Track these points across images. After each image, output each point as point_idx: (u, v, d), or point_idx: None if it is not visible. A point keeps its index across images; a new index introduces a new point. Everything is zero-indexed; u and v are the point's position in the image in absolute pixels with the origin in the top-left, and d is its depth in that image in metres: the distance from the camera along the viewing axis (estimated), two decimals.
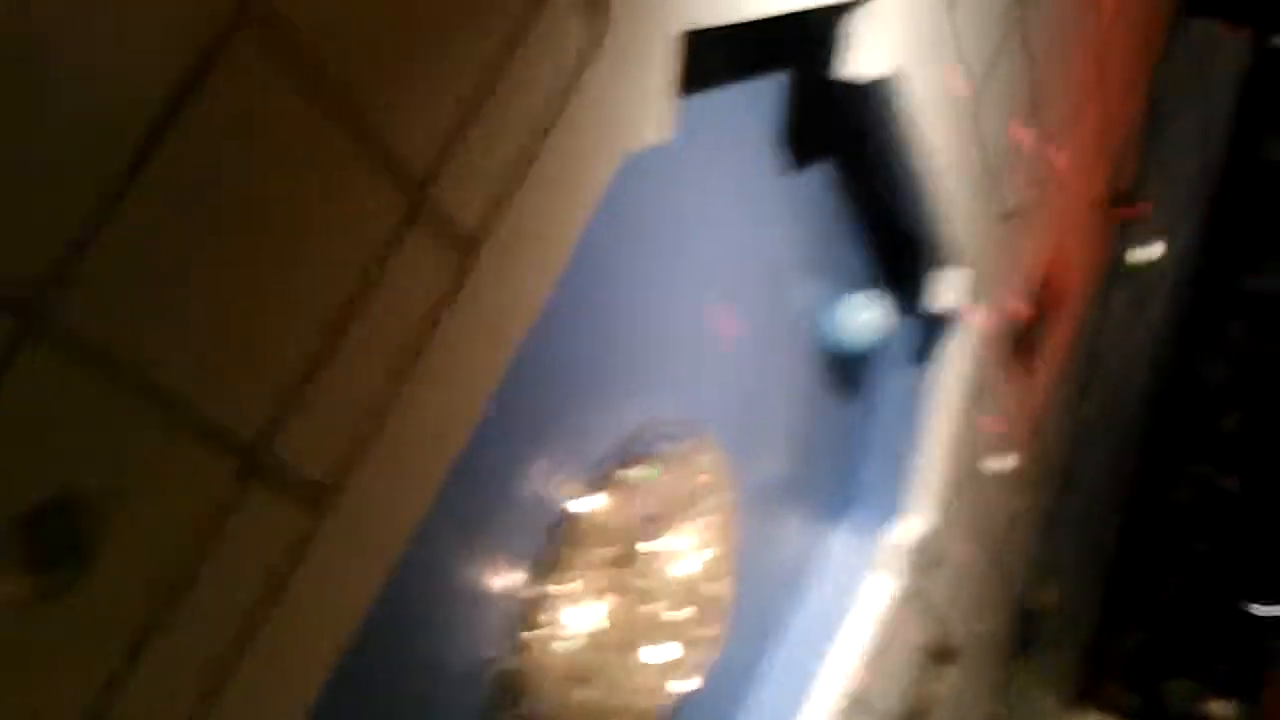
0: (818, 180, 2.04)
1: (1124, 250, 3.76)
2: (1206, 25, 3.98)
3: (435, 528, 1.32)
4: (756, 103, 1.79)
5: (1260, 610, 5.94)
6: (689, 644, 1.81)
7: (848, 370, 2.39)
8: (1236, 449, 6.14)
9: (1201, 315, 5.95)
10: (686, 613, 1.79)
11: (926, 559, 2.64)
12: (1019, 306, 2.90)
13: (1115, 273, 3.77)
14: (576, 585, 1.62)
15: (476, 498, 1.45)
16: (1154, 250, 3.93)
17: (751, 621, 2.27)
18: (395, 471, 1.12)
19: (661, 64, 1.30)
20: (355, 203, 1.00)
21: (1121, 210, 3.52)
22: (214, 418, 0.95)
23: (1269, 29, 4.57)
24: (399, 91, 1.01)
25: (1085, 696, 5.95)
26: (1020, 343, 3.04)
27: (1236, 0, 4.07)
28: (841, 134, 2.00)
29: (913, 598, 2.71)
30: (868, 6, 1.67)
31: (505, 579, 1.56)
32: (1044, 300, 3.11)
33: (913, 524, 2.58)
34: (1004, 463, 3.15)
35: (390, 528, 1.16)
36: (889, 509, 2.60)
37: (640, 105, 1.29)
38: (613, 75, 1.23)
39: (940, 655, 3.09)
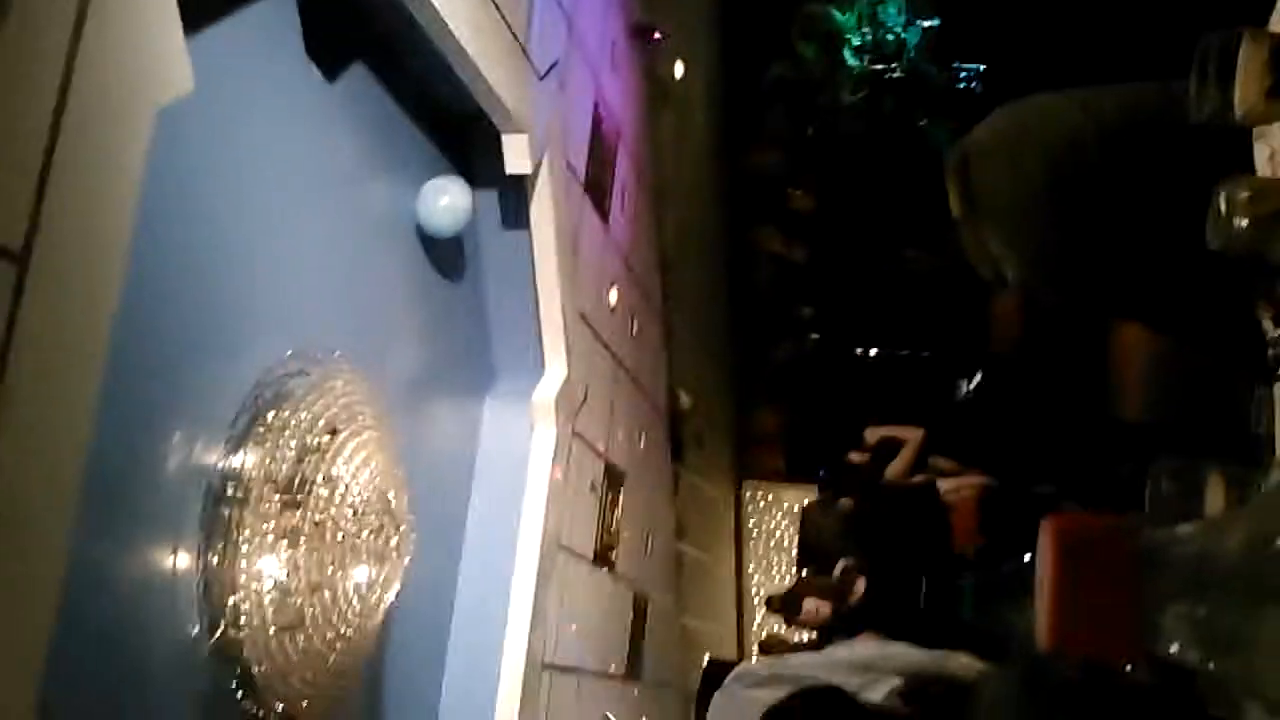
0: (361, 81, 2.05)
1: (658, 77, 4.02)
2: None
3: (90, 528, 1.28)
4: (273, 22, 1.76)
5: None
6: (380, 558, 1.85)
7: (450, 252, 2.45)
8: (803, 224, 6.78)
9: (740, 112, 6.45)
10: (368, 531, 1.82)
11: (571, 402, 2.82)
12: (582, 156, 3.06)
13: (656, 99, 4.03)
14: (255, 541, 1.62)
15: (122, 492, 1.41)
16: (679, 69, 4.23)
17: (437, 515, 2.34)
18: None
19: (160, 11, 1.26)
20: None
21: (643, 38, 3.75)
22: None
23: None
24: None
25: (742, 473, 6.58)
26: (593, 188, 3.22)
27: None
28: (365, 31, 2.01)
29: (572, 440, 2.89)
30: None
31: (182, 557, 1.53)
32: (603, 144, 3.30)
33: (552, 375, 2.74)
34: (611, 296, 3.37)
35: None
36: (528, 369, 2.73)
37: (151, 60, 1.25)
38: (113, 37, 1.17)
39: (611, 482, 3.33)
